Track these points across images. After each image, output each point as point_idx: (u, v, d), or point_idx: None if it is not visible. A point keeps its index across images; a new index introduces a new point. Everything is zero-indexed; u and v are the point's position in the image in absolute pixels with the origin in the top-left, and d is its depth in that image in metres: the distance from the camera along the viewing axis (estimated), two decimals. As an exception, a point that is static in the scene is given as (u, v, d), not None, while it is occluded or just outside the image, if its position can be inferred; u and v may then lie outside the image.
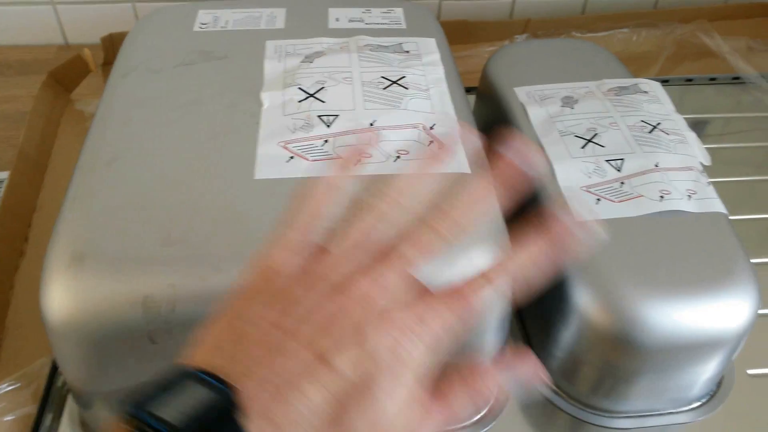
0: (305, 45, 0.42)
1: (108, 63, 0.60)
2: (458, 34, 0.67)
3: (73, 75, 0.59)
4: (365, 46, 0.41)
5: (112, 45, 0.59)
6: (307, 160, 0.33)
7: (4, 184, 0.49)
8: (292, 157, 0.33)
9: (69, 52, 0.62)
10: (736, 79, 0.65)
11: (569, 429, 0.36)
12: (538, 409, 0.37)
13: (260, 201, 0.31)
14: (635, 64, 0.66)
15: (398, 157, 0.34)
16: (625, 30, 0.69)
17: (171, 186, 0.31)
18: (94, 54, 0.60)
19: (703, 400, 0.38)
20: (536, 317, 0.39)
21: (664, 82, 0.57)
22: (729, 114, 0.63)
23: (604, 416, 0.37)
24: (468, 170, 0.33)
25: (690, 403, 0.37)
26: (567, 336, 0.35)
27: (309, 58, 0.40)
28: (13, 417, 0.37)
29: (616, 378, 0.35)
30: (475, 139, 0.29)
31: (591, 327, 0.33)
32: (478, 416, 0.36)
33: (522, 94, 0.44)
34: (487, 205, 0.23)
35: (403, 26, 0.44)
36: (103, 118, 0.36)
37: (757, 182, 0.55)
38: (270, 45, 0.41)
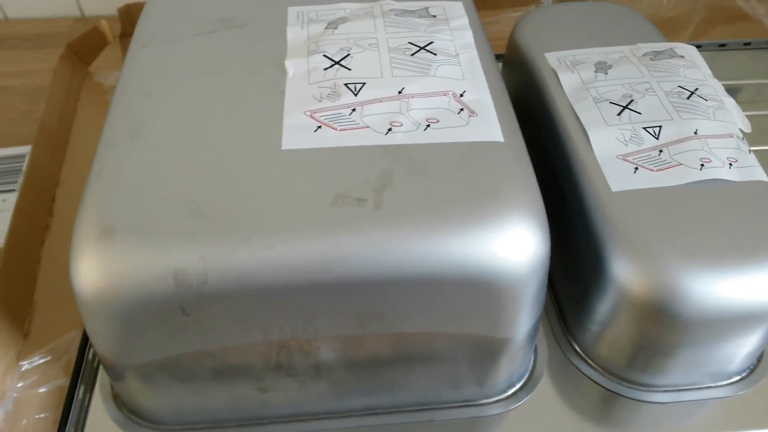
0: (328, 11, 0.40)
1: (125, 34, 0.59)
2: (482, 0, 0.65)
3: (90, 47, 0.59)
4: (390, 10, 0.40)
5: (129, 16, 0.58)
6: (335, 129, 0.32)
7: (27, 159, 0.48)
8: (319, 127, 0.32)
9: (85, 25, 0.61)
10: (773, 44, 0.62)
11: (604, 403, 0.36)
12: (573, 383, 0.36)
13: (288, 171, 0.30)
14: (666, 29, 0.63)
15: (428, 125, 0.33)
16: (655, -7, 0.66)
17: (197, 158, 0.31)
18: (111, 25, 0.59)
19: (743, 375, 0.37)
20: (570, 289, 0.38)
21: (696, 47, 0.55)
22: (763, 80, 0.60)
23: (641, 390, 0.36)
24: (501, 138, 0.32)
25: (729, 378, 0.36)
26: (603, 308, 0.34)
27: (333, 24, 0.39)
28: (46, 389, 0.37)
29: (653, 351, 0.34)
30: None
31: (629, 299, 0.32)
32: (512, 391, 0.36)
33: (553, 59, 0.43)
34: None
35: (429, -10, 0.42)
36: (124, 90, 0.35)
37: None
38: (292, 11, 0.40)
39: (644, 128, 0.37)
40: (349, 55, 0.36)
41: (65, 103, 0.55)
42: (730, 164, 0.35)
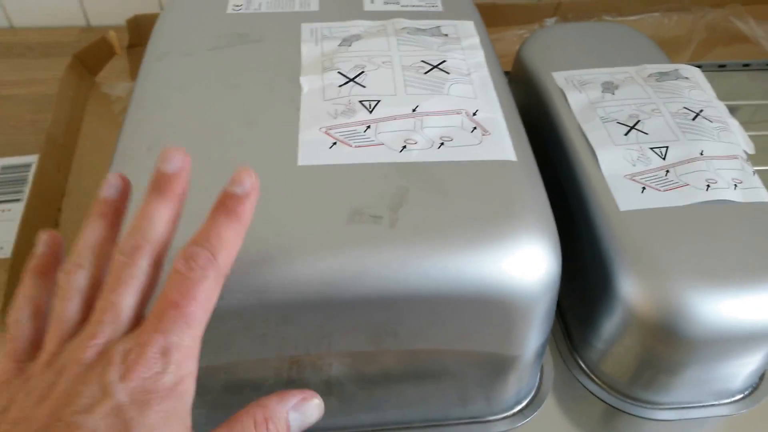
0: (341, 28, 0.41)
1: (133, 45, 0.60)
2: (487, 17, 0.66)
3: (97, 57, 0.59)
4: (403, 29, 0.40)
5: (137, 27, 0.59)
6: (351, 146, 0.32)
7: (33, 169, 0.48)
8: (335, 143, 0.32)
9: (91, 34, 0.61)
10: (771, 65, 0.64)
11: (609, 420, 0.36)
12: (578, 400, 0.37)
13: (304, 187, 0.30)
14: (666, 49, 0.64)
15: (442, 144, 0.33)
16: (656, 14, 0.67)
17: (213, 172, 0.31)
18: (118, 36, 0.60)
19: (746, 393, 0.37)
20: (577, 307, 0.39)
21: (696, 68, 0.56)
22: (761, 101, 0.61)
23: (645, 407, 0.36)
24: (513, 158, 0.33)
25: (732, 396, 0.37)
26: (610, 327, 0.35)
27: (347, 42, 0.39)
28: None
29: (658, 369, 0.34)
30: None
31: (636, 317, 0.33)
32: (519, 407, 0.36)
33: (560, 79, 0.43)
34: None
35: (440, 9, 0.43)
36: (140, 103, 0.35)
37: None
38: (306, 28, 0.41)
39: (651, 148, 0.38)
40: (363, 72, 0.36)
41: (71, 113, 0.55)
42: (735, 185, 0.36)
